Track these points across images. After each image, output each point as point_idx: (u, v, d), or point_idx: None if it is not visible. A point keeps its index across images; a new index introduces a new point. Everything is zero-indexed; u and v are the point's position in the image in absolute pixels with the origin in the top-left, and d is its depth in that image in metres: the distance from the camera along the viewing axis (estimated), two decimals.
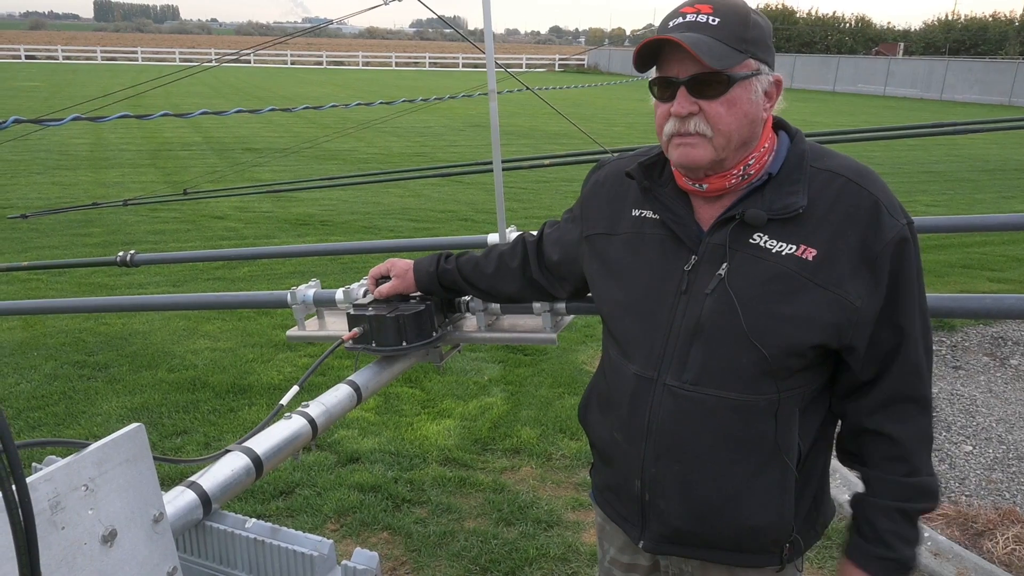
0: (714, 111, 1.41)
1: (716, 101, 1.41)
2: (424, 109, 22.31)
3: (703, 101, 1.42)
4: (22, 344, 5.61)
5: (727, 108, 1.41)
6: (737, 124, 1.43)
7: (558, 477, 3.89)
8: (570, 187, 12.55)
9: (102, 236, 8.93)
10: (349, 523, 3.48)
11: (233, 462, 1.56)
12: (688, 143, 1.44)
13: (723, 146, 1.43)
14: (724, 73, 1.39)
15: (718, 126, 1.42)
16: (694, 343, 1.49)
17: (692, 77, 1.41)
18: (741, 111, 1.42)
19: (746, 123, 1.44)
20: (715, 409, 1.48)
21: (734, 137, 1.43)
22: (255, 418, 4.46)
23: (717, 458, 1.50)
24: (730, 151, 1.45)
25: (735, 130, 1.43)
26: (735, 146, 1.45)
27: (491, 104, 2.66)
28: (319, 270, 7.57)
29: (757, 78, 1.44)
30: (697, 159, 1.44)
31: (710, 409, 1.48)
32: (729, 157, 1.46)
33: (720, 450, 1.50)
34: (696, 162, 1.45)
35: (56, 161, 14.20)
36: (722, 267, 1.46)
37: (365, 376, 1.95)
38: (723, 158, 1.45)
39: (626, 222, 1.64)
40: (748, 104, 1.43)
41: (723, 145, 1.43)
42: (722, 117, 1.41)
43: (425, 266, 1.96)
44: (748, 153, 1.47)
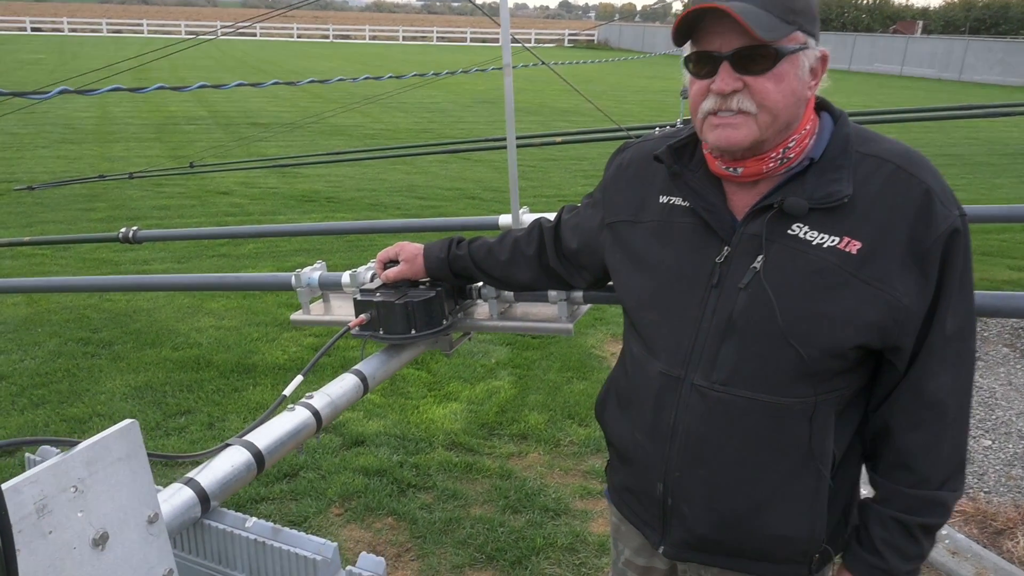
0: (760, 87, 1.31)
1: (763, 76, 1.30)
2: (431, 85, 22.12)
3: (748, 77, 1.31)
4: (26, 320, 5.56)
5: (774, 84, 1.31)
6: (784, 102, 1.32)
7: (566, 464, 3.83)
8: (579, 166, 12.41)
9: (107, 211, 8.86)
10: (354, 507, 3.42)
11: (233, 457, 1.49)
12: (729, 123, 1.34)
13: (767, 124, 1.33)
14: (772, 46, 1.29)
15: (764, 102, 1.31)
16: (725, 341, 1.40)
17: (736, 51, 1.30)
18: (788, 88, 1.32)
19: (792, 102, 1.33)
20: (746, 411, 1.39)
21: (780, 116, 1.33)
22: (259, 399, 4.40)
23: (747, 463, 1.42)
24: (773, 131, 1.34)
25: (782, 108, 1.33)
26: (779, 126, 1.34)
27: (506, 79, 2.56)
28: (324, 247, 7.49)
29: (804, 52, 1.33)
30: (738, 140, 1.34)
31: (741, 411, 1.40)
32: (770, 138, 1.35)
33: (750, 455, 1.41)
34: (737, 143, 1.34)
35: (61, 135, 14.10)
36: (757, 260, 1.37)
37: (372, 365, 1.88)
38: (765, 139, 1.35)
39: (652, 209, 1.54)
40: (795, 81, 1.33)
41: (768, 123, 1.33)
42: (769, 93, 1.31)
43: (436, 251, 1.87)
44: (789, 135, 1.37)
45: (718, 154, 1.41)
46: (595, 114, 18.99)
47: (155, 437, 3.96)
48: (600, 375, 4.86)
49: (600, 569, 3.06)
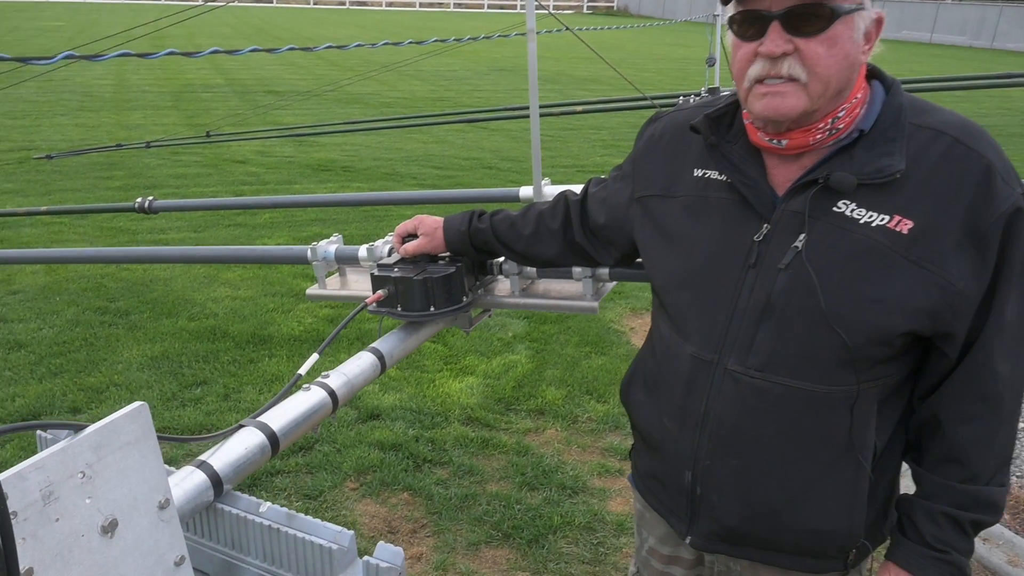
0: (812, 51, 1.22)
1: (815, 39, 1.21)
2: (448, 52, 21.88)
3: (800, 39, 1.22)
4: (44, 289, 5.56)
5: (827, 47, 1.22)
6: (836, 68, 1.23)
7: (584, 441, 3.79)
8: (598, 135, 12.25)
9: (124, 179, 8.84)
10: (369, 482, 3.40)
11: (247, 439, 1.44)
12: (777, 91, 1.25)
13: (819, 94, 1.24)
14: (827, 5, 1.19)
15: (815, 69, 1.22)
16: (762, 324, 1.32)
17: (789, 10, 1.21)
18: (842, 52, 1.23)
19: (844, 67, 1.24)
20: (783, 399, 1.32)
21: (832, 83, 1.24)
22: (275, 370, 4.38)
23: (782, 453, 1.35)
24: (824, 100, 1.25)
25: (834, 74, 1.23)
26: (831, 94, 1.25)
27: (530, 45, 2.47)
28: (340, 217, 7.44)
29: (859, 14, 1.24)
30: (786, 109, 1.25)
31: (777, 399, 1.33)
32: (821, 107, 1.26)
33: (786, 445, 1.35)
34: (785, 113, 1.25)
35: (80, 103, 14.08)
36: (799, 238, 1.29)
37: (389, 343, 1.82)
38: (815, 108, 1.26)
39: (686, 183, 1.46)
40: (849, 44, 1.23)
41: (819, 92, 1.24)
42: (821, 58, 1.22)
43: (456, 224, 1.80)
44: (839, 104, 1.27)
45: (762, 125, 1.32)
46: (615, 83, 18.72)
47: (171, 408, 3.95)
48: (619, 350, 4.80)
49: (618, 549, 3.02)
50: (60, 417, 3.81)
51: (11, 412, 3.86)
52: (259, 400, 4.04)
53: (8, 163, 9.40)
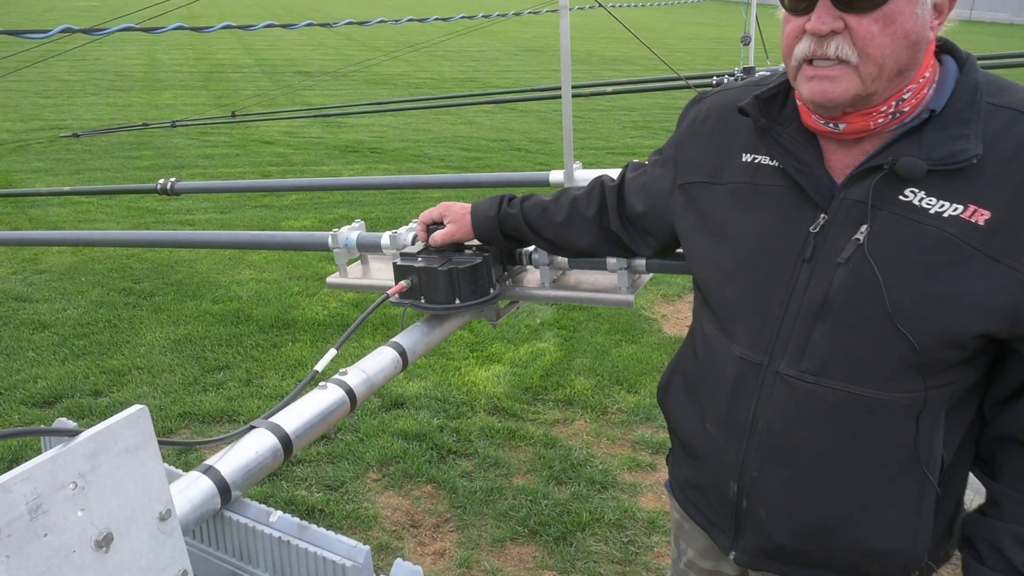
0: (864, 29, 1.09)
1: (868, 16, 1.08)
2: (476, 32, 21.67)
3: (851, 16, 1.09)
4: (71, 269, 5.54)
5: (882, 26, 1.09)
6: (893, 48, 1.10)
7: (614, 433, 3.67)
8: (628, 116, 12.04)
9: (152, 159, 8.84)
10: (392, 473, 3.31)
11: (257, 442, 1.35)
12: (825, 74, 1.13)
13: (872, 77, 1.11)
14: None
15: (867, 50, 1.10)
16: (818, 324, 1.20)
17: None
18: (901, 31, 1.09)
19: (905, 46, 1.11)
20: (841, 406, 1.20)
21: (888, 65, 1.11)
22: (298, 355, 4.31)
23: (839, 465, 1.23)
24: (881, 83, 1.12)
25: (890, 56, 1.10)
26: (888, 76, 1.12)
27: (562, 22, 2.33)
28: (367, 199, 7.36)
29: None
30: (835, 95, 1.13)
31: (834, 406, 1.21)
32: (879, 91, 1.13)
33: (843, 456, 1.22)
34: (834, 99, 1.13)
35: (111, 82, 14.14)
36: (860, 230, 1.17)
37: (412, 337, 1.72)
38: (872, 92, 1.13)
39: (734, 169, 1.33)
40: (911, 21, 1.10)
41: (872, 75, 1.11)
42: (874, 38, 1.09)
43: (484, 210, 1.69)
44: (904, 85, 1.15)
45: (815, 109, 1.20)
46: (646, 63, 18.43)
47: (192, 393, 3.89)
48: (650, 339, 4.67)
49: (650, 548, 2.91)
50: (80, 401, 3.77)
51: (33, 394, 3.83)
52: (281, 386, 3.97)
53: (39, 142, 9.44)
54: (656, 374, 4.23)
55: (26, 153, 8.94)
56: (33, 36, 1.42)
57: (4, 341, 4.41)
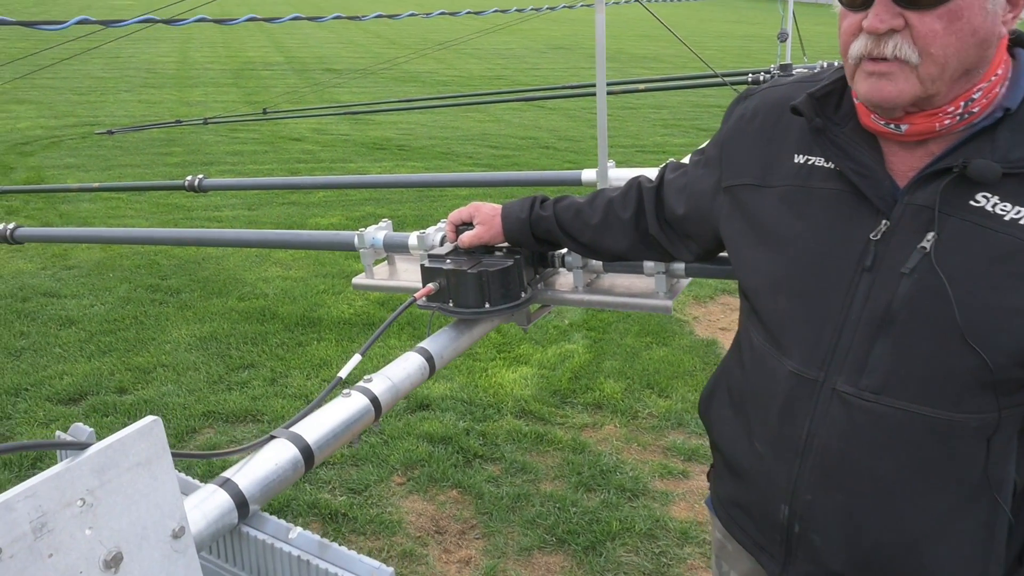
0: (926, 27, 1.00)
1: (931, 13, 1.00)
2: (505, 30, 21.60)
3: (912, 12, 1.00)
4: (99, 264, 5.56)
5: (946, 23, 1.00)
6: (958, 47, 1.01)
7: (645, 439, 3.57)
8: (658, 114, 11.91)
9: (182, 155, 8.88)
10: (417, 477, 3.25)
11: (278, 453, 1.28)
12: (883, 72, 1.04)
13: (934, 77, 1.02)
14: None
15: (929, 49, 1.01)
16: (879, 338, 1.11)
17: None
18: (968, 27, 1.00)
19: (972, 45, 1.02)
20: (904, 427, 1.11)
21: (952, 65, 1.02)
22: (323, 354, 4.26)
23: (902, 490, 1.14)
24: (943, 84, 1.03)
25: (953, 55, 1.01)
26: (952, 76, 1.03)
27: (597, 16, 2.25)
28: (394, 197, 7.32)
29: None
30: (892, 96, 1.04)
31: (897, 427, 1.11)
32: (942, 92, 1.04)
33: (906, 480, 1.13)
34: (890, 99, 1.05)
35: (143, 79, 14.29)
36: (927, 237, 1.07)
37: (439, 343, 1.65)
38: (933, 93, 1.04)
39: (784, 171, 1.24)
40: (980, 17, 1.01)
41: (934, 76, 1.02)
42: (936, 36, 1.00)
43: (516, 211, 1.61)
44: (972, 84, 1.05)
45: (873, 109, 1.11)
46: (675, 60, 18.25)
47: (217, 391, 3.86)
48: (682, 341, 4.56)
49: (682, 560, 2.81)
50: (105, 398, 3.74)
51: (59, 391, 3.82)
52: (305, 386, 3.93)
53: (72, 138, 9.53)
54: (688, 378, 4.13)
55: (59, 149, 9.03)
56: (47, 28, 1.37)
57: (32, 337, 4.42)
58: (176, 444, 3.38)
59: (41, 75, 13.20)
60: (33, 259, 5.60)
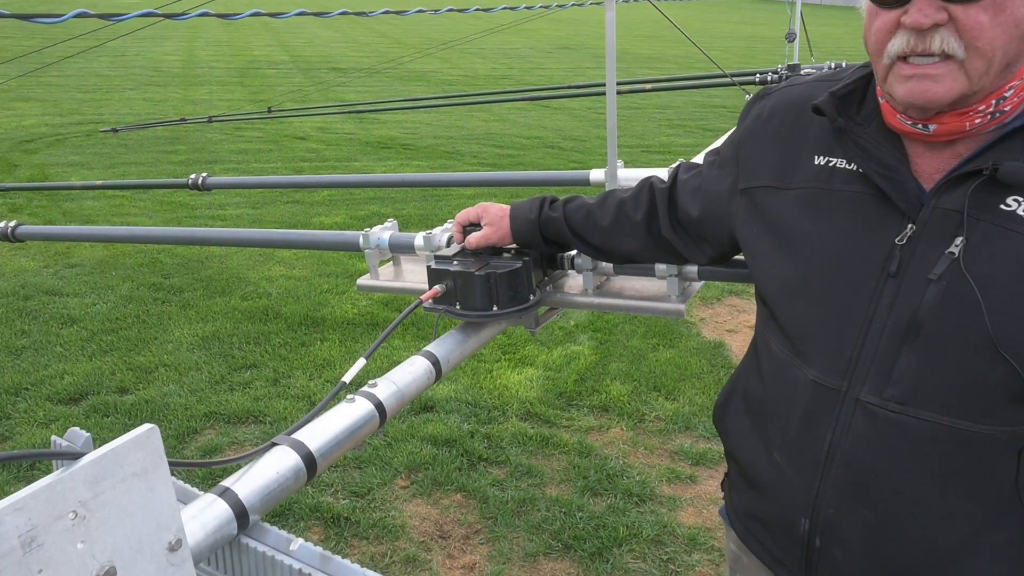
0: (972, 20, 0.96)
1: (976, 5, 0.96)
2: (510, 30, 21.57)
3: (956, 6, 0.96)
4: (102, 263, 5.52)
5: (992, 15, 0.96)
6: (1004, 39, 0.97)
7: (651, 442, 3.52)
8: (663, 114, 11.85)
9: (187, 154, 8.85)
10: (420, 480, 3.20)
11: (279, 461, 1.24)
12: (927, 72, 1.00)
13: (980, 73, 0.98)
14: None
15: (976, 42, 0.96)
16: (906, 347, 1.07)
17: None
18: (1012, 19, 0.97)
19: (1017, 36, 0.98)
20: (931, 439, 1.07)
21: (997, 58, 0.98)
22: (326, 355, 4.22)
23: (928, 505, 1.09)
24: (989, 78, 0.99)
25: (1000, 48, 0.97)
26: (996, 71, 0.99)
27: (608, 13, 2.19)
28: (399, 196, 7.28)
29: None
30: (938, 96, 1.00)
31: (923, 439, 1.07)
32: (986, 87, 1.00)
33: (935, 494, 1.09)
34: (936, 99, 1.00)
35: (149, 77, 14.27)
36: (955, 242, 1.03)
37: (446, 346, 1.60)
38: (978, 89, 1.00)
39: (805, 172, 1.20)
40: (1022, 8, 0.97)
41: (980, 71, 0.98)
42: (983, 29, 0.96)
43: (524, 212, 1.56)
44: (1007, 80, 1.01)
45: (903, 108, 1.06)
46: (679, 61, 18.19)
47: (219, 392, 3.82)
48: (688, 343, 4.51)
49: (691, 567, 2.76)
50: (106, 398, 3.71)
51: (59, 390, 3.78)
52: (308, 387, 3.89)
53: (76, 136, 9.51)
54: (695, 380, 4.08)
55: (63, 147, 9.00)
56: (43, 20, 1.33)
57: (33, 335, 4.39)
58: (177, 445, 3.35)
59: (47, 73, 13.20)
60: (36, 257, 5.57)
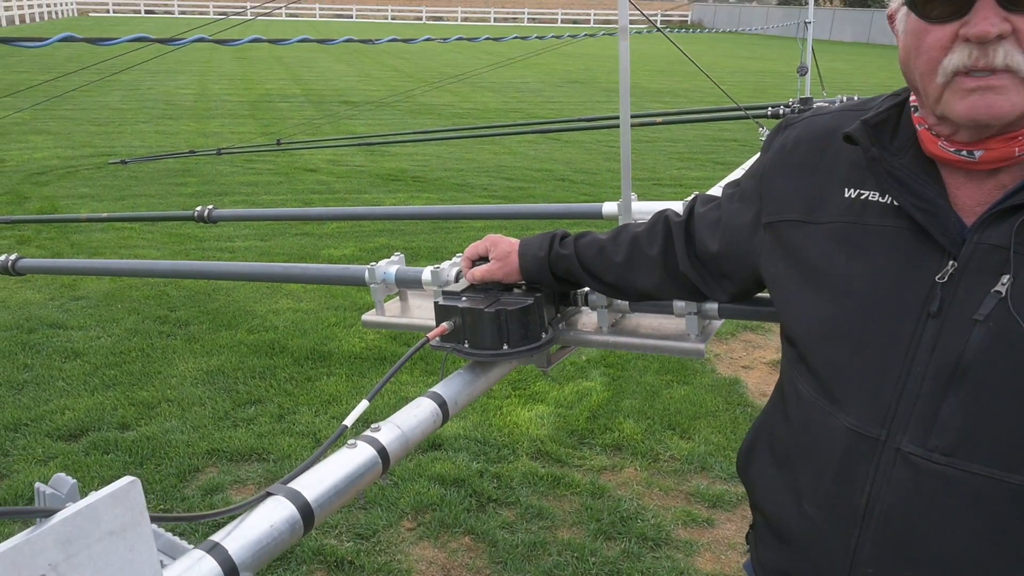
0: None
1: None
2: (520, 63, 21.76)
3: (1019, 17, 0.90)
4: (108, 295, 5.47)
5: None
6: None
7: (666, 483, 3.41)
8: (674, 148, 11.83)
9: (197, 186, 8.85)
10: (427, 522, 3.09)
11: (273, 513, 1.15)
12: (992, 84, 0.93)
13: None
14: None
15: None
16: (950, 393, 0.99)
17: None
18: None
19: None
20: (980, 494, 0.98)
21: None
22: (332, 390, 4.13)
23: (977, 565, 1.01)
24: None
25: None
26: None
27: (621, 44, 2.14)
28: (408, 228, 7.23)
29: None
30: (1004, 111, 0.93)
31: (972, 493, 0.99)
32: None
33: (983, 554, 1.00)
34: (1002, 114, 0.94)
35: (162, 110, 14.38)
36: (1001, 280, 0.96)
37: (453, 387, 1.52)
38: None
39: (834, 205, 1.13)
40: None
41: None
42: None
43: (534, 249, 1.49)
44: None
45: (950, 131, 1.00)
46: (690, 95, 18.25)
47: (222, 428, 3.73)
48: (703, 379, 4.41)
49: None
50: (107, 435, 3.62)
51: (59, 426, 3.70)
52: (313, 423, 3.79)
53: (87, 168, 9.55)
54: (710, 418, 3.97)
55: (74, 179, 9.03)
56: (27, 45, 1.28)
57: (35, 370, 4.32)
58: (177, 484, 3.25)
59: (60, 106, 13.33)
60: (41, 289, 5.53)
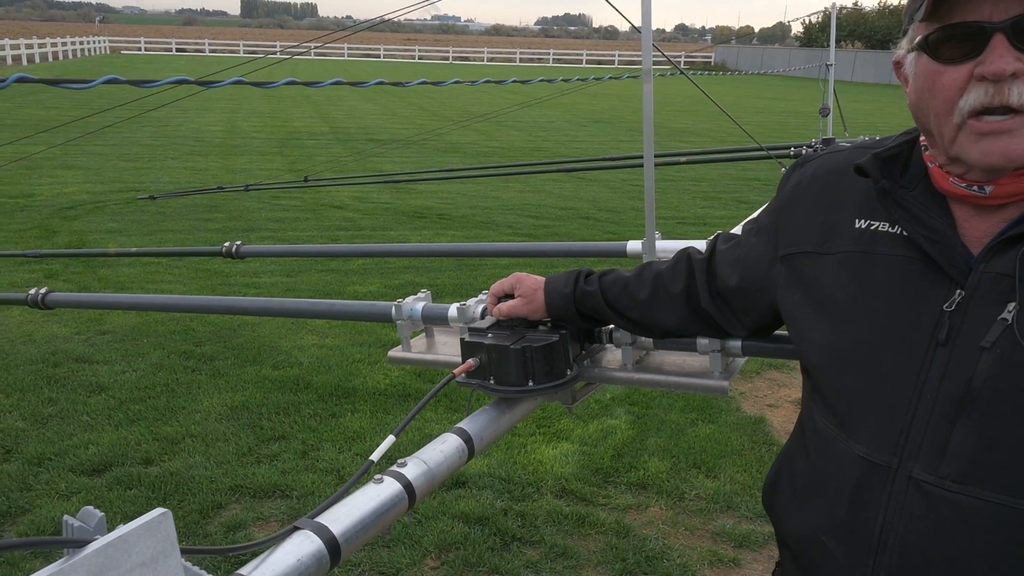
0: None
1: None
2: (546, 103, 22.00)
3: None
4: (134, 330, 5.54)
5: None
6: None
7: (692, 522, 3.35)
8: (697, 187, 11.85)
9: (224, 221, 8.99)
10: (451, 561, 3.06)
11: (300, 547, 1.14)
12: (1005, 128, 0.96)
13: None
14: None
15: None
16: (960, 420, 1.00)
17: (1018, 20, 0.93)
18: None
19: None
20: (994, 522, 0.98)
21: None
22: (357, 427, 4.13)
23: None
24: None
25: None
26: None
27: (645, 87, 2.15)
28: (434, 265, 7.28)
29: None
30: (1018, 152, 0.96)
31: (986, 521, 0.99)
32: None
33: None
34: (1017, 156, 0.96)
35: (191, 147, 14.68)
36: (1007, 308, 0.99)
37: (479, 423, 1.51)
38: None
39: (845, 236, 1.15)
40: None
41: None
42: None
43: (559, 287, 1.50)
44: None
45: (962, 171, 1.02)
46: (713, 135, 18.33)
47: (246, 464, 3.73)
48: (728, 418, 4.36)
49: None
50: (130, 470, 3.64)
51: (83, 461, 3.72)
52: (337, 460, 3.79)
53: (116, 203, 9.74)
54: (736, 457, 3.92)
55: (102, 214, 9.21)
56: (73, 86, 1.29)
57: (60, 404, 4.36)
58: (200, 520, 3.25)
59: (91, 142, 13.64)
60: (68, 323, 5.60)
